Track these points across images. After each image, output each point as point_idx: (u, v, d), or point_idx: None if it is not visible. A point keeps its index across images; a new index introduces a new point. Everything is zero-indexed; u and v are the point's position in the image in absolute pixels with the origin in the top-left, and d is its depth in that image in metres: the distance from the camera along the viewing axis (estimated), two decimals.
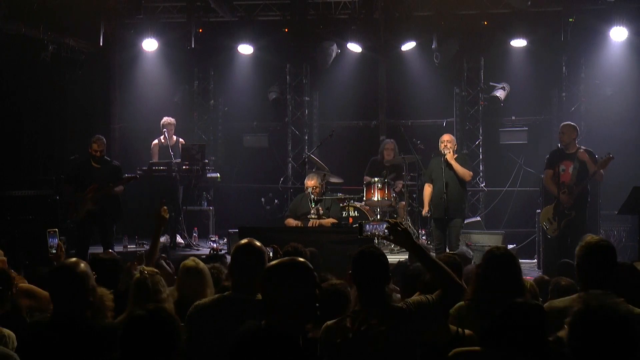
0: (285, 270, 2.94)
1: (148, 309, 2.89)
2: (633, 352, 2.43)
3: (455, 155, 8.93)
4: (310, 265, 2.97)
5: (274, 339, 2.78)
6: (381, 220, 9.74)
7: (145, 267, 4.16)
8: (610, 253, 3.67)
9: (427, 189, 9.02)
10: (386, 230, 3.77)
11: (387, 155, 10.67)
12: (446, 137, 9.02)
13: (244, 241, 3.76)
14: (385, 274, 3.55)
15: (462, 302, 3.90)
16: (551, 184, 8.71)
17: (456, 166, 8.76)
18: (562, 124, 9.06)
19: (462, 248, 7.81)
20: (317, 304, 2.92)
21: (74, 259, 3.58)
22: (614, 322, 2.42)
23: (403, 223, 9.32)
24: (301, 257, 4.14)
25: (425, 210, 9.16)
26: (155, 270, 4.19)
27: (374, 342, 3.40)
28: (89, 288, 3.45)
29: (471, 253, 7.30)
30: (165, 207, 5.16)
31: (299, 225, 9.03)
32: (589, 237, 3.79)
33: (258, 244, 3.72)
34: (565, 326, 2.57)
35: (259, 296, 3.62)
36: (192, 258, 4.71)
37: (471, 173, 9.10)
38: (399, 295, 4.59)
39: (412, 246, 3.74)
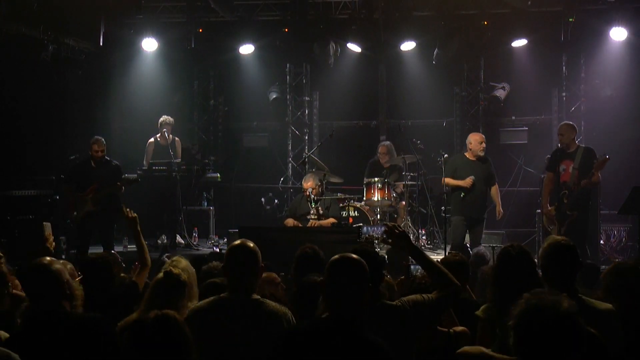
0: (348, 263, 3.06)
1: (160, 314, 2.84)
2: (578, 348, 2.37)
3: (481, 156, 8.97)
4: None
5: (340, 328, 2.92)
6: (379, 222, 9.75)
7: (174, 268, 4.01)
8: (573, 253, 3.69)
9: (450, 179, 8.95)
10: (384, 234, 3.78)
11: (383, 159, 10.68)
12: (480, 137, 9.05)
13: (237, 242, 3.75)
14: (378, 273, 3.55)
15: (488, 304, 3.89)
16: (546, 193, 8.70)
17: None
18: (561, 124, 9.05)
19: (480, 248, 7.77)
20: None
21: (48, 258, 3.67)
22: (557, 319, 2.36)
23: (402, 224, 9.29)
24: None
25: (469, 182, 8.84)
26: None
27: None
28: (65, 281, 3.57)
29: (488, 254, 7.25)
30: (127, 209, 5.07)
31: (298, 225, 9.04)
32: (552, 238, 3.82)
33: (251, 244, 3.71)
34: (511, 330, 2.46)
35: (255, 296, 3.63)
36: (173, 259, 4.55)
37: (497, 186, 9.23)
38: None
39: (410, 248, 3.76)
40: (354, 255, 3.07)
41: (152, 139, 10.91)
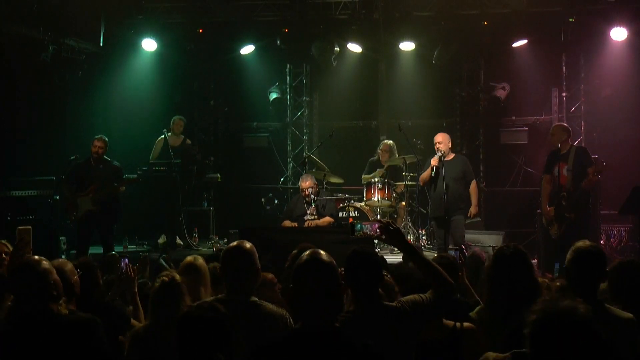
0: (313, 265, 2.78)
1: (204, 307, 2.92)
2: (594, 355, 2.28)
3: (453, 155, 8.94)
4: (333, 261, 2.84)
5: (310, 337, 2.68)
6: (373, 220, 9.76)
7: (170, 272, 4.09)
8: (599, 260, 3.62)
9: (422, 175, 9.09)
10: (378, 230, 3.77)
11: (383, 157, 10.67)
12: (438, 137, 8.97)
13: (233, 244, 3.75)
14: (377, 274, 3.55)
15: (481, 305, 3.88)
16: (544, 195, 8.67)
17: None
18: (554, 124, 9.06)
19: (475, 249, 7.74)
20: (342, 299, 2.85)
21: (36, 257, 3.58)
22: (574, 326, 2.28)
23: (402, 224, 9.26)
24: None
25: (433, 162, 8.80)
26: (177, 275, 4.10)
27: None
28: (52, 282, 3.48)
29: (484, 255, 7.21)
30: (132, 266, 4.78)
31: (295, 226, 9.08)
32: (580, 243, 3.70)
33: (248, 245, 3.70)
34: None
35: (253, 298, 3.63)
36: (194, 255, 4.67)
37: (474, 183, 9.07)
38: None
39: (404, 245, 3.74)
40: (323, 256, 2.77)
41: (162, 136, 10.92)
